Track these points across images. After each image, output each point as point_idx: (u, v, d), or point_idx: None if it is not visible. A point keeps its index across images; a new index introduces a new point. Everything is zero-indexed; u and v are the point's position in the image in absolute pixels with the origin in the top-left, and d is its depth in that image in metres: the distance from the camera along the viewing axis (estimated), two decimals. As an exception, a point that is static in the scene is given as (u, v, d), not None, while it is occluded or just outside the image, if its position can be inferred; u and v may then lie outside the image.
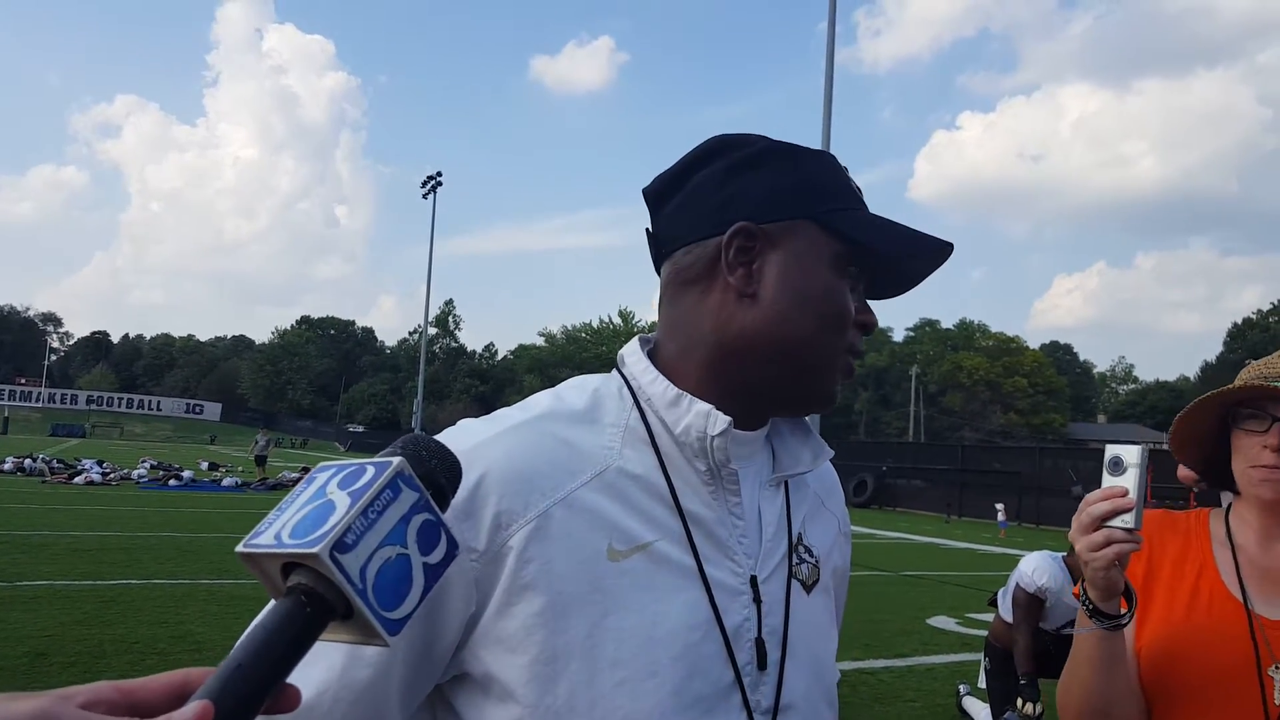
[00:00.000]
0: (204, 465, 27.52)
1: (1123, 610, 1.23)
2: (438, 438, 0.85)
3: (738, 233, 0.87)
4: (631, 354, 0.93)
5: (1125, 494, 1.18)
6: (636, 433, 0.87)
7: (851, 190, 0.92)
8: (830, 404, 0.91)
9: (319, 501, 0.48)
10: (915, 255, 0.91)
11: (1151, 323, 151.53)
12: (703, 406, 0.85)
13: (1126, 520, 1.17)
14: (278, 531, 0.47)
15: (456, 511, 0.77)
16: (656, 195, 0.94)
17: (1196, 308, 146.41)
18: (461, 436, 0.84)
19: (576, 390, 0.91)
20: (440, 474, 0.53)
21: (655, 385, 0.88)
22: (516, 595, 0.77)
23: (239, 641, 0.45)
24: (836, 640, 0.99)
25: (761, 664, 0.84)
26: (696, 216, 0.90)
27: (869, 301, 0.94)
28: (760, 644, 0.84)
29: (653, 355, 0.93)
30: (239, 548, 0.48)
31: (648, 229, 0.96)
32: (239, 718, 0.43)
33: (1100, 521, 1.18)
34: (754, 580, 0.86)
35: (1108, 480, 1.21)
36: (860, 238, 0.88)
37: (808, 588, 0.92)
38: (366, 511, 0.47)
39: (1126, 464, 1.20)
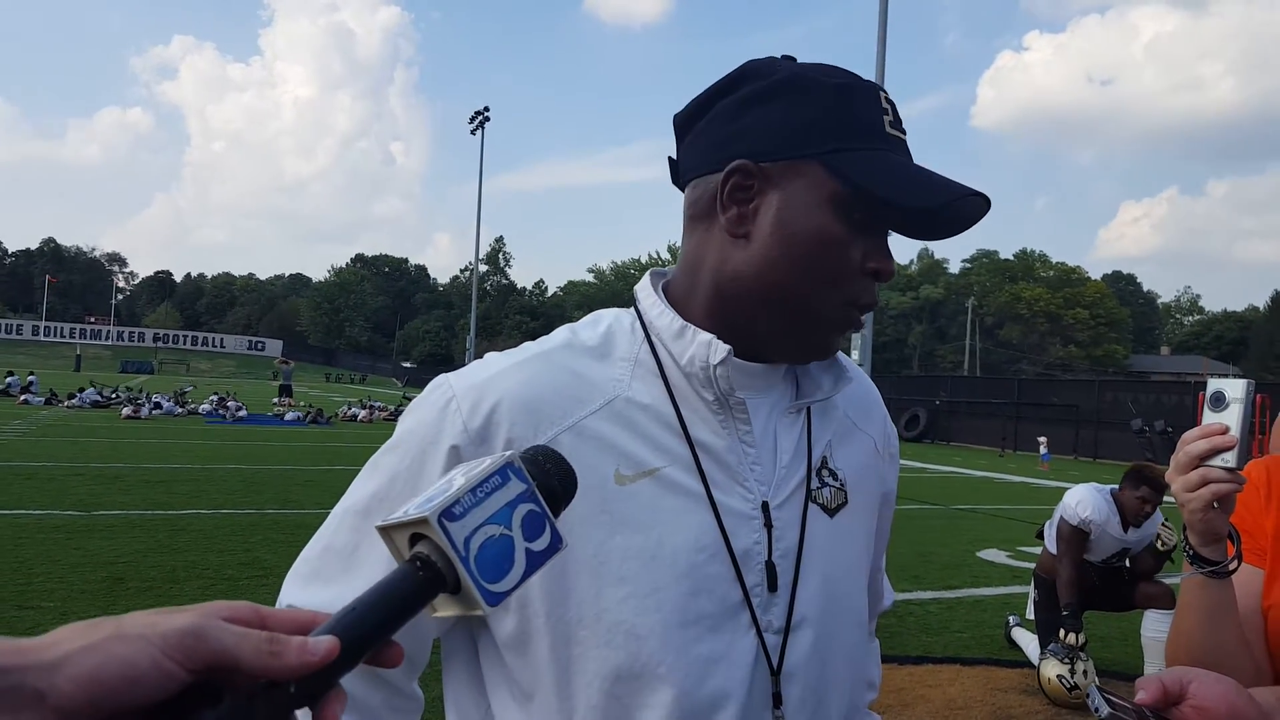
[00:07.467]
0: (275, 400, 28.33)
1: (1229, 555, 1.13)
2: (464, 369, 0.90)
3: (734, 171, 0.86)
4: (643, 288, 0.95)
5: (1226, 431, 1.08)
6: (646, 365, 0.90)
7: (877, 129, 0.85)
8: (825, 356, 0.91)
9: (442, 482, 0.55)
10: (929, 205, 0.83)
11: (1221, 252, 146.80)
12: (704, 336, 0.87)
13: (1227, 459, 1.07)
14: (407, 508, 0.53)
15: (472, 436, 0.83)
16: (681, 124, 0.94)
17: (1271, 236, 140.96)
18: (481, 368, 0.89)
19: (591, 325, 0.94)
20: (554, 478, 0.58)
21: (662, 318, 0.90)
22: None
23: (358, 596, 0.49)
24: (871, 562, 1.00)
25: (772, 586, 0.86)
26: (706, 150, 0.89)
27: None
28: (770, 567, 0.86)
29: (669, 288, 0.95)
30: (378, 523, 0.54)
31: (670, 156, 0.96)
32: (349, 658, 0.48)
33: (1198, 460, 1.09)
34: (765, 506, 0.88)
35: (1209, 416, 1.10)
36: (863, 182, 0.83)
37: (830, 511, 0.93)
38: (475, 490, 0.53)
39: (1229, 399, 1.09)
